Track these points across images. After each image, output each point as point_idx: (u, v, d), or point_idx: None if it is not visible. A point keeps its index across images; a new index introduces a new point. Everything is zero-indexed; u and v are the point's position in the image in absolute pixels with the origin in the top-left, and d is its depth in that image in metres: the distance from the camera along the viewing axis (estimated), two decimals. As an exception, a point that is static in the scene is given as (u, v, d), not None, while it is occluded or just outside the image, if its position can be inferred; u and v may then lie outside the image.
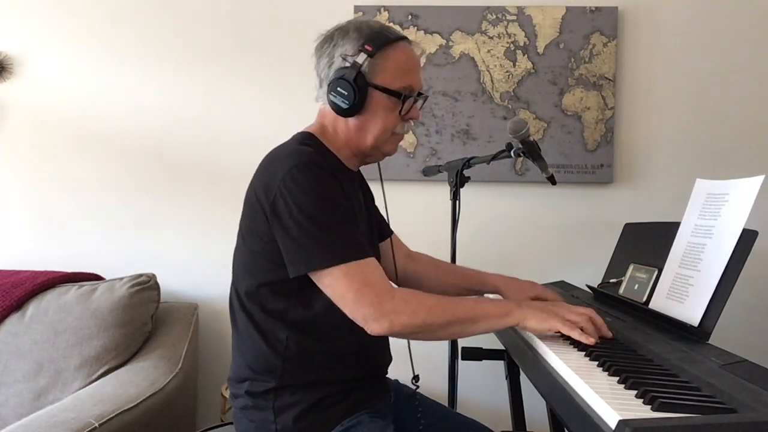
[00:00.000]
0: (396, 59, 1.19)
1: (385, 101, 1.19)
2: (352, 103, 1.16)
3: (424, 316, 1.07)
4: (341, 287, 1.06)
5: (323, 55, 1.22)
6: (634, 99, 2.16)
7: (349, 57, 1.17)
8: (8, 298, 1.91)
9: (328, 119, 1.24)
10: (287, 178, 1.08)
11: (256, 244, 1.14)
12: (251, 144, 2.21)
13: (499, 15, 2.14)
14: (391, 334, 1.08)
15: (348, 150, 1.24)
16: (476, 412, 2.12)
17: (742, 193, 1.15)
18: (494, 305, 1.15)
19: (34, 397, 1.79)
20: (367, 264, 1.08)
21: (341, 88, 1.16)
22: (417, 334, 1.11)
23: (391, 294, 1.07)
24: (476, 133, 2.15)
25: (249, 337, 1.16)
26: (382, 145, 1.23)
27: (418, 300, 1.10)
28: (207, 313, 2.21)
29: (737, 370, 0.92)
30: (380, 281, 1.08)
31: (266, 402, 1.14)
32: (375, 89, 1.17)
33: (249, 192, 1.17)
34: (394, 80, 1.19)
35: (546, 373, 1.02)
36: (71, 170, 2.24)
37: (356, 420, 1.14)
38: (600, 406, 0.80)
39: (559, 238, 2.17)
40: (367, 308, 1.05)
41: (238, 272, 1.20)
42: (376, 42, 1.17)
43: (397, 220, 1.52)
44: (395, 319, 1.05)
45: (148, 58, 2.22)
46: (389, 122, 1.21)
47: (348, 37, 1.19)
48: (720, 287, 1.11)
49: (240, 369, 1.19)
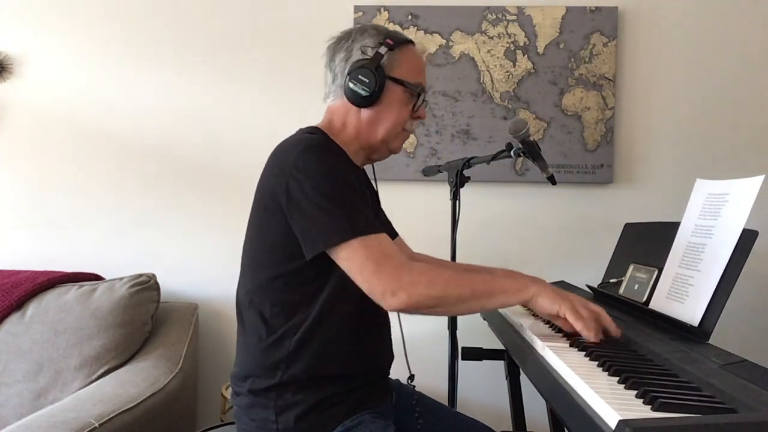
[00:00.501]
0: (412, 57, 1.26)
1: (401, 95, 1.24)
2: (372, 91, 1.19)
3: (441, 288, 1.07)
4: (361, 258, 1.05)
5: (340, 51, 1.25)
6: (634, 99, 2.16)
7: (369, 49, 1.21)
8: (8, 298, 1.91)
9: (338, 114, 1.26)
10: (299, 160, 1.10)
11: (267, 236, 1.15)
12: (251, 144, 2.21)
13: (499, 15, 2.14)
14: (409, 308, 1.06)
15: (356, 144, 1.26)
16: (476, 412, 2.12)
17: (742, 193, 1.15)
18: (510, 279, 1.15)
19: (34, 397, 1.79)
20: (384, 238, 1.09)
21: (362, 76, 1.19)
22: (434, 309, 1.09)
23: (409, 266, 1.07)
24: (476, 133, 2.15)
25: (255, 333, 1.17)
26: (391, 140, 1.27)
27: (435, 272, 1.09)
28: (207, 313, 2.21)
29: (737, 370, 0.92)
30: (396, 254, 1.08)
31: (268, 400, 1.14)
32: (393, 82, 1.22)
33: (260, 184, 1.18)
34: (410, 75, 1.24)
35: (546, 373, 1.02)
36: (71, 170, 2.24)
37: (357, 420, 1.14)
38: (600, 406, 0.80)
39: (559, 238, 2.17)
40: (387, 280, 1.04)
41: (249, 267, 1.20)
42: (396, 38, 1.23)
43: (397, 220, 1.52)
44: (413, 291, 1.04)
45: (147, 58, 2.22)
46: (402, 116, 1.25)
47: (367, 33, 1.24)
48: (720, 287, 1.11)
49: (244, 365, 1.19)
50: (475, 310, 1.14)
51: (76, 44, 2.23)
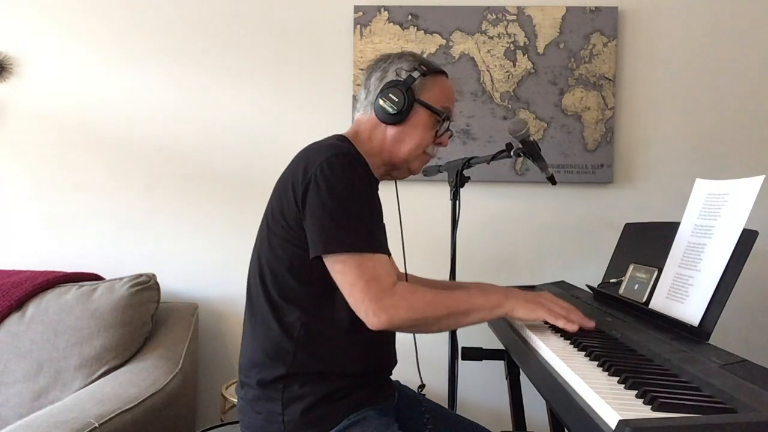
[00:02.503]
0: (443, 86, 1.33)
1: (426, 118, 1.30)
2: (400, 110, 1.26)
3: (421, 312, 1.12)
4: (352, 276, 1.10)
5: (376, 70, 1.32)
6: (634, 99, 2.16)
7: (404, 71, 1.29)
8: (8, 298, 1.91)
9: (365, 127, 1.31)
10: (325, 164, 1.13)
11: (283, 226, 1.17)
12: (251, 144, 2.21)
13: (499, 15, 2.14)
14: (390, 328, 1.12)
15: (379, 158, 1.31)
16: (476, 412, 2.12)
17: (742, 193, 1.15)
18: (485, 297, 1.21)
19: (34, 397, 1.79)
20: (380, 259, 1.13)
21: (393, 95, 1.26)
22: (414, 328, 1.18)
23: (393, 291, 1.11)
24: (476, 133, 2.15)
25: (264, 322, 1.19)
26: (412, 160, 1.32)
27: (416, 296, 1.14)
28: (207, 313, 2.22)
29: (737, 370, 0.92)
30: (387, 278, 1.12)
31: (275, 393, 1.16)
32: (421, 105, 1.28)
33: (283, 177, 1.22)
34: (438, 101, 1.30)
35: (546, 374, 1.02)
36: (71, 170, 2.24)
37: (362, 415, 1.16)
38: (600, 406, 0.80)
39: (559, 238, 2.17)
40: (370, 302, 1.09)
41: (262, 255, 1.22)
42: (430, 66, 1.31)
43: (397, 220, 1.52)
44: (394, 314, 1.10)
45: (147, 58, 2.22)
46: (425, 139, 1.31)
47: (404, 58, 1.32)
48: (720, 287, 1.11)
49: (252, 354, 1.21)
50: (453, 327, 1.24)
51: (76, 44, 2.23)
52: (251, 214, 1.29)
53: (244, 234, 2.02)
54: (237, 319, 2.08)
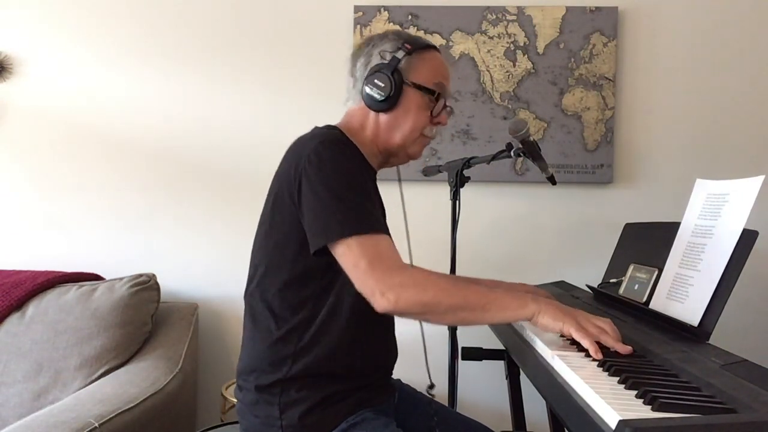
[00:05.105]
0: (432, 61, 1.25)
1: (419, 99, 1.23)
2: (388, 95, 1.19)
3: (432, 294, 1.05)
4: (355, 256, 1.05)
5: (361, 56, 1.26)
6: (634, 99, 2.16)
7: (387, 53, 1.21)
8: (8, 298, 1.91)
9: (356, 116, 1.26)
10: (312, 154, 1.10)
11: (280, 228, 1.15)
12: (251, 144, 2.21)
13: (499, 15, 2.14)
14: (397, 310, 1.05)
15: (374, 147, 1.26)
16: (476, 412, 2.12)
17: (742, 193, 1.15)
18: (510, 295, 1.12)
19: (34, 397, 1.79)
20: (383, 238, 1.08)
21: (378, 81, 1.19)
22: (424, 315, 1.09)
23: (402, 268, 1.07)
24: (476, 133, 2.15)
25: (265, 326, 1.17)
26: (409, 145, 1.26)
27: (429, 278, 1.08)
28: (207, 313, 2.21)
29: (737, 370, 0.92)
30: (393, 255, 1.08)
31: (273, 397, 1.14)
32: (410, 86, 1.21)
33: (275, 177, 1.19)
34: (428, 79, 1.23)
35: (546, 373, 1.02)
36: (71, 170, 2.24)
37: (360, 417, 1.15)
38: (600, 406, 0.80)
39: (559, 238, 2.17)
40: (377, 280, 1.04)
41: (260, 260, 1.20)
42: (415, 43, 1.23)
43: (397, 220, 1.52)
44: (402, 293, 1.03)
45: (147, 58, 2.22)
46: (420, 121, 1.24)
47: (387, 38, 1.25)
48: (720, 287, 1.11)
49: (251, 359, 1.19)
50: (469, 322, 1.11)
51: (76, 44, 2.23)
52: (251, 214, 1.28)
53: (244, 234, 2.01)
54: (237, 319, 2.08)
